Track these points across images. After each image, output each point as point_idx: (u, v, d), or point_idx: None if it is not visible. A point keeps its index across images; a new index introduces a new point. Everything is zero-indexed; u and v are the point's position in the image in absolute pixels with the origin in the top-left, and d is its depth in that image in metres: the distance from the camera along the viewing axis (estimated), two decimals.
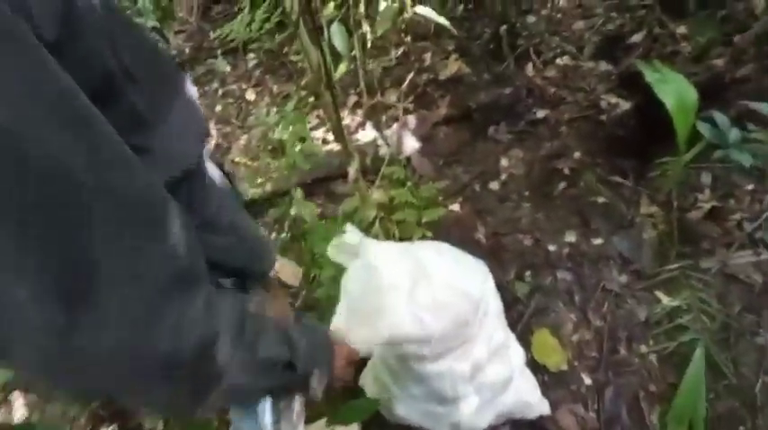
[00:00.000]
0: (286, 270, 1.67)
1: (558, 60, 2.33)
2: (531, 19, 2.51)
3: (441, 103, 2.27)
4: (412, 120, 2.23)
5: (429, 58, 2.46)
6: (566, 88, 2.20)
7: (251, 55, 2.79)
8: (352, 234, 1.00)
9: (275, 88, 2.65)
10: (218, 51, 2.81)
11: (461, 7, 2.62)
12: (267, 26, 1.98)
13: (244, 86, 2.71)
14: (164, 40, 2.85)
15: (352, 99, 2.38)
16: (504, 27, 2.33)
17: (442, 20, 1.76)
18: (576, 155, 1.98)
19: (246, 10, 2.06)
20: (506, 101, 2.18)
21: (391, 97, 2.37)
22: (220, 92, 2.75)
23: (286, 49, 2.64)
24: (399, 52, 2.45)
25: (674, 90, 1.43)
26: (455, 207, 1.94)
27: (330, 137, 2.34)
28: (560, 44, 2.38)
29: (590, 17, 2.49)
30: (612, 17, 2.45)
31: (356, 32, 1.86)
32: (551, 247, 1.77)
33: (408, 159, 2.10)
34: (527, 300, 1.64)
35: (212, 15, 3.08)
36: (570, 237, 1.78)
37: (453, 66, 2.38)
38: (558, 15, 2.56)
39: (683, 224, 1.67)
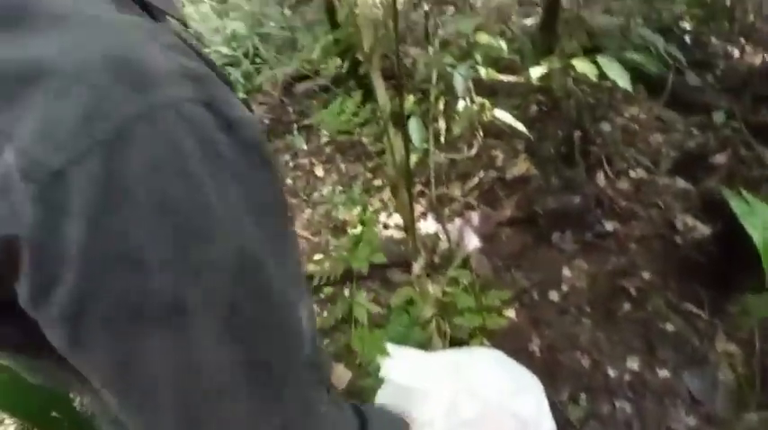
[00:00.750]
0: (335, 372, 1.65)
1: (632, 173, 2.27)
2: (605, 126, 2.48)
3: (506, 203, 2.24)
4: (475, 217, 2.21)
5: (500, 157, 2.47)
6: (638, 203, 2.13)
7: (324, 132, 2.90)
8: (392, 350, 0.97)
9: (343, 167, 2.72)
10: (295, 126, 2.95)
11: (535, 107, 2.63)
12: (356, 119, 2.08)
13: (314, 162, 2.80)
14: (249, 110, 3.02)
15: (417, 188, 2.40)
16: (577, 132, 2.31)
17: (520, 125, 1.77)
18: (645, 275, 1.89)
19: (338, 102, 2.19)
20: (574, 208, 2.13)
21: (456, 191, 2.37)
22: (291, 164, 2.84)
23: (358, 130, 2.72)
24: (472, 150, 2.46)
25: (763, 223, 1.37)
26: (511, 313, 1.87)
27: (391, 222, 2.35)
28: (635, 156, 2.33)
29: (669, 131, 2.44)
30: (693, 134, 2.39)
31: (431, 127, 1.90)
32: (611, 372, 1.67)
33: (468, 256, 2.06)
34: (580, 426, 1.55)
35: (294, 91, 3.26)
36: (633, 364, 1.69)
37: (522, 166, 2.37)
38: (635, 126, 2.52)
39: (766, 369, 1.54)
